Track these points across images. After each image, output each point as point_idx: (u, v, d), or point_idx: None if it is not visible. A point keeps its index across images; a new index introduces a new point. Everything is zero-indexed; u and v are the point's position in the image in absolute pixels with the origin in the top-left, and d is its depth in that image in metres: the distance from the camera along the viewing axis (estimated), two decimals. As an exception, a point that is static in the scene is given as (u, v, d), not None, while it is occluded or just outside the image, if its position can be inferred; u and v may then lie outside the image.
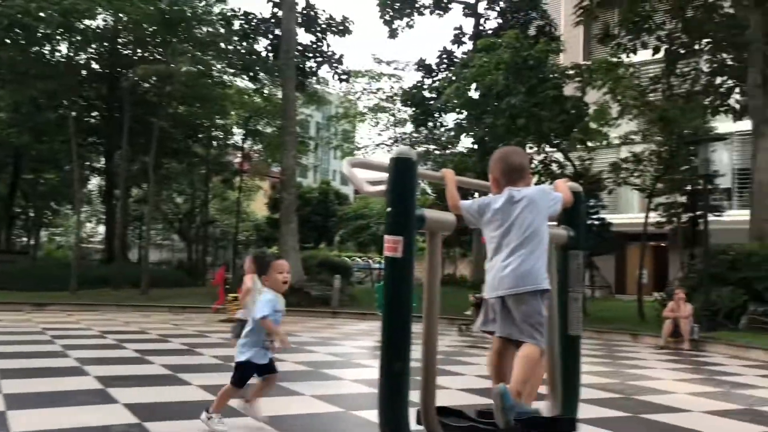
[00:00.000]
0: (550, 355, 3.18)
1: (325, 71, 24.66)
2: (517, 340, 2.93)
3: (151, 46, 22.61)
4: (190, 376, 6.67)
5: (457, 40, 25.71)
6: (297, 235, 19.05)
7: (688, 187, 21.56)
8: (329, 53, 23.57)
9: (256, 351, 4.50)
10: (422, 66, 25.46)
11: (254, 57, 23.32)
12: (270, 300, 4.61)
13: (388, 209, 2.63)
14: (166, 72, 20.27)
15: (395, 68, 27.04)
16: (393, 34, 25.12)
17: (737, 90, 17.36)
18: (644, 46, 16.37)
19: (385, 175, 2.71)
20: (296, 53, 21.20)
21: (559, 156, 18.57)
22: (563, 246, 3.30)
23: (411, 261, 2.59)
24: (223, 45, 22.61)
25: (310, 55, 23.41)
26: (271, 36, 23.15)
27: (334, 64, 23.68)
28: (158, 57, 21.94)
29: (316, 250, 32.64)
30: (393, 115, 26.86)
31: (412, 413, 2.65)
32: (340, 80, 24.95)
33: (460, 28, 25.92)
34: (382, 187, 2.72)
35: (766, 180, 13.97)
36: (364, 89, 28.02)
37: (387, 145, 26.62)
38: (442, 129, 24.79)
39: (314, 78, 24.96)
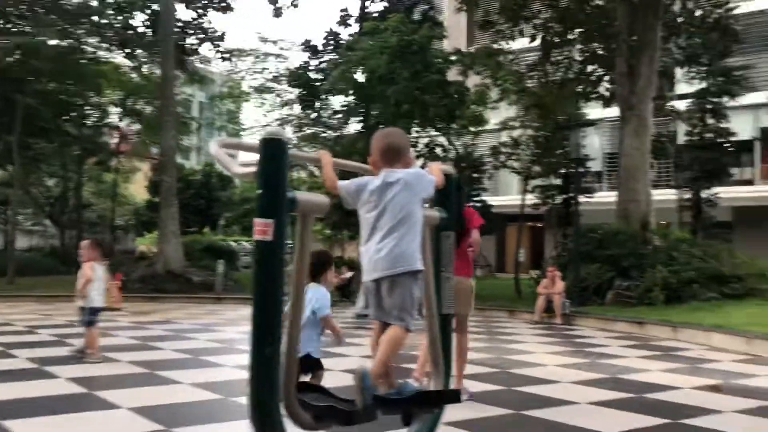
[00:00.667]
0: (431, 334, 3.25)
1: (206, 49, 23.82)
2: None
3: (13, 17, 20.94)
4: (58, 369, 6.30)
5: (343, 22, 25.59)
6: (178, 219, 18.40)
7: (563, 171, 22.76)
8: (211, 30, 22.78)
9: (315, 346, 4.29)
10: (308, 47, 25.15)
11: (130, 32, 22.14)
12: (326, 296, 4.35)
13: (258, 191, 2.57)
14: (32, 45, 18.86)
15: (281, 48, 26.58)
16: (277, 12, 24.60)
17: (606, 78, 18.42)
18: (522, 33, 17.01)
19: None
20: (175, 30, 20.34)
21: (443, 140, 19.04)
22: (436, 227, 3.36)
23: (282, 244, 2.55)
24: (96, 18, 21.29)
25: (191, 32, 22.52)
26: (148, 11, 22.05)
27: (216, 42, 22.92)
28: (22, 29, 20.36)
29: (199, 234, 31.70)
30: (279, 96, 26.44)
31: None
32: (223, 59, 24.21)
33: (346, 10, 25.83)
34: (252, 169, 2.65)
35: (631, 164, 14.94)
36: (249, 69, 27.38)
37: (274, 126, 26.20)
38: (330, 111, 24.70)
39: (195, 56, 24.07)
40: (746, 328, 9.11)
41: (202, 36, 22.71)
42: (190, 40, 22.82)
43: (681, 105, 23.93)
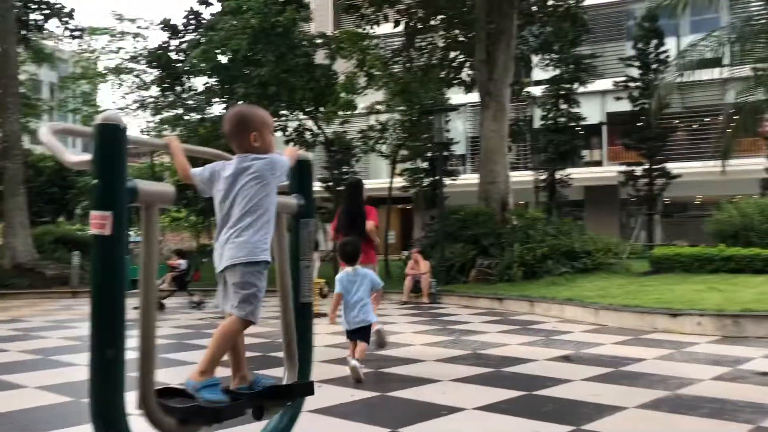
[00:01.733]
0: (285, 324, 3.19)
1: (54, 26, 22.13)
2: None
3: None
4: None
5: (204, 1, 24.64)
6: (26, 208, 17.04)
7: (429, 154, 23.34)
8: (57, 5, 21.15)
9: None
10: (168, 26, 24.01)
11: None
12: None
13: (94, 182, 2.38)
14: None
15: (138, 27, 25.21)
16: (134, -11, 23.26)
17: (467, 64, 19.02)
18: (386, 18, 17.17)
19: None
20: (16, 3, 18.70)
21: (312, 124, 18.90)
22: (294, 215, 3.30)
23: (122, 238, 2.38)
24: None
25: (34, 6, 20.79)
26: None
27: (64, 18, 21.31)
28: None
29: (53, 225, 29.56)
30: (138, 76, 25.08)
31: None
32: (73, 37, 22.58)
33: (208, -12, 24.86)
34: (87, 157, 2.45)
35: (491, 147, 15.56)
36: (104, 48, 25.78)
37: (132, 109, 24.86)
38: (192, 93, 23.78)
39: (40, 33, 22.27)
40: (595, 300, 9.78)
41: (47, 11, 21.02)
42: (35, 16, 21.07)
43: (537, 91, 25.25)
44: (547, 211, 23.70)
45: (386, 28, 18.55)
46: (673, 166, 23.77)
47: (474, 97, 21.03)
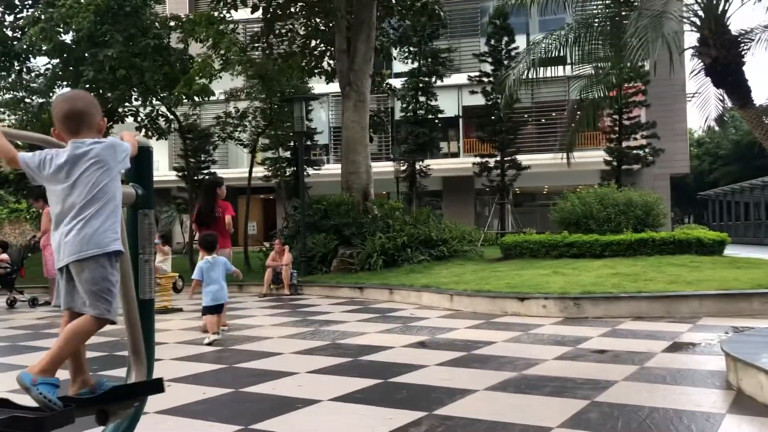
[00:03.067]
0: (129, 321, 2.97)
1: None
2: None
3: None
4: None
5: (46, -25, 22.78)
6: None
7: (291, 143, 23.09)
8: None
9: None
10: (2, 1, 21.96)
11: None
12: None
13: None
14: None
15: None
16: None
17: (329, 54, 18.95)
18: (244, 3, 16.70)
19: None
20: None
21: (166, 110, 18.04)
22: (132, 205, 3.08)
23: None
24: None
25: None
26: None
27: None
28: None
29: None
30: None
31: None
32: None
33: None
34: None
35: (352, 137, 15.62)
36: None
37: None
38: (33, 75, 21.91)
39: None
40: (450, 286, 10.12)
41: None
42: None
43: (397, 83, 25.70)
44: (407, 201, 24.27)
45: (246, 13, 18.05)
46: (523, 158, 25.14)
47: (337, 86, 21.09)
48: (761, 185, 38.77)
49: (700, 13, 4.98)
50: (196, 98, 16.00)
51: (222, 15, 15.35)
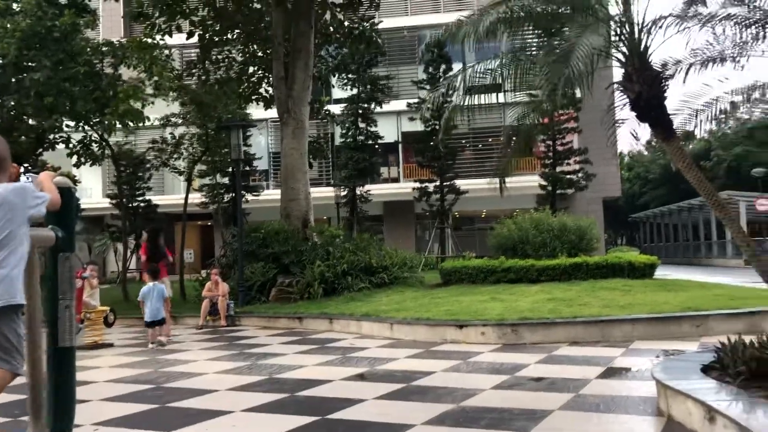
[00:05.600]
0: (34, 374, 2.81)
1: None
2: None
3: None
4: None
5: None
6: None
7: (230, 169, 22.77)
8: None
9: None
10: None
11: None
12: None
13: None
14: None
15: None
16: None
17: (266, 80, 18.86)
18: (179, 29, 16.47)
19: None
20: None
21: (98, 137, 17.55)
22: (52, 249, 2.94)
23: None
24: None
25: None
26: None
27: None
28: None
29: None
30: None
31: None
32: None
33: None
34: None
35: (291, 164, 15.51)
36: None
37: None
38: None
39: None
40: (390, 314, 10.09)
41: None
42: None
43: (337, 109, 25.77)
44: (348, 227, 24.20)
45: (182, 39, 17.81)
46: (462, 183, 25.47)
47: (276, 112, 20.98)
48: (688, 207, 40.40)
49: (624, 50, 5.17)
50: (130, 124, 15.64)
51: (156, 41, 15.07)
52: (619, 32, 5.49)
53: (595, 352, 7.45)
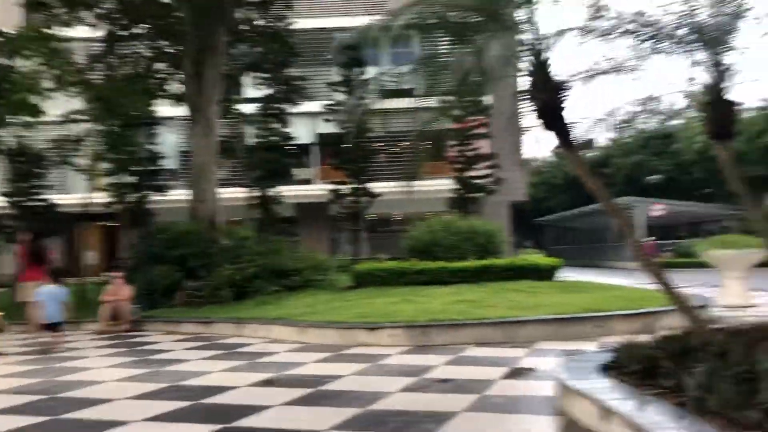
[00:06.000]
0: None
1: None
2: None
3: None
4: None
5: None
6: None
7: (136, 168, 21.95)
8: None
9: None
10: None
11: None
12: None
13: None
14: None
15: None
16: None
17: (176, 77, 18.27)
18: (81, 21, 15.71)
19: None
20: None
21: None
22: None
23: None
24: None
25: None
26: None
27: None
28: None
29: None
30: None
31: None
32: None
33: None
34: None
35: (200, 163, 15.11)
36: None
37: None
38: None
39: None
40: (301, 317, 9.96)
41: None
42: None
43: (249, 108, 25.31)
44: (260, 229, 23.81)
45: (87, 32, 16.98)
46: (376, 186, 25.59)
47: (185, 109, 20.36)
48: (590, 212, 42.24)
49: (531, 59, 5.32)
50: (26, 118, 14.79)
51: (54, 32, 14.28)
52: (525, 42, 5.64)
53: (500, 352, 7.63)
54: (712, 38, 5.63)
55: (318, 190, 28.89)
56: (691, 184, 44.13)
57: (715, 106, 5.70)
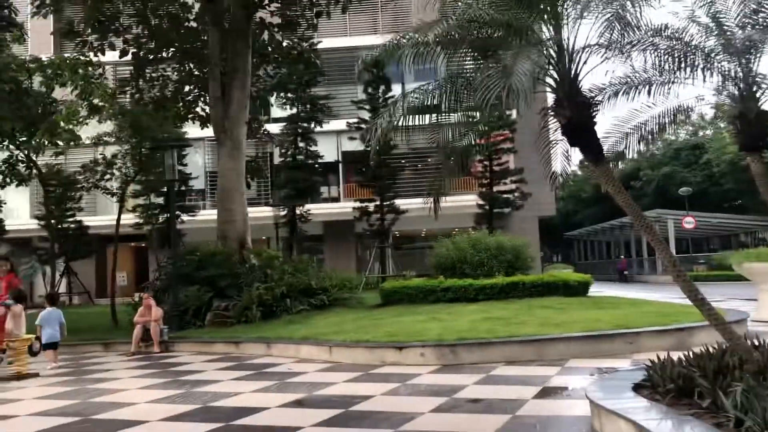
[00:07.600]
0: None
1: None
2: None
3: None
4: None
5: None
6: None
7: (165, 189, 22.27)
8: None
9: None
10: None
11: None
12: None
13: None
14: None
15: None
16: None
17: (203, 99, 18.56)
18: (112, 47, 16.07)
19: None
20: None
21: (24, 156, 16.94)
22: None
23: None
24: None
25: None
26: None
27: None
28: None
29: None
30: None
31: None
32: None
33: None
34: None
35: (228, 185, 15.28)
36: None
37: None
38: None
39: None
40: (329, 336, 9.96)
41: None
42: None
43: (275, 128, 25.58)
44: (287, 247, 23.95)
45: (115, 56, 17.37)
46: (401, 202, 25.61)
47: (212, 131, 20.65)
48: (619, 225, 41.70)
49: (555, 75, 5.30)
50: (60, 143, 15.11)
51: (88, 58, 14.64)
52: (550, 58, 5.63)
53: (531, 371, 7.53)
54: (741, 50, 5.56)
55: (344, 207, 29.01)
56: (722, 195, 43.39)
57: (746, 118, 5.62)
